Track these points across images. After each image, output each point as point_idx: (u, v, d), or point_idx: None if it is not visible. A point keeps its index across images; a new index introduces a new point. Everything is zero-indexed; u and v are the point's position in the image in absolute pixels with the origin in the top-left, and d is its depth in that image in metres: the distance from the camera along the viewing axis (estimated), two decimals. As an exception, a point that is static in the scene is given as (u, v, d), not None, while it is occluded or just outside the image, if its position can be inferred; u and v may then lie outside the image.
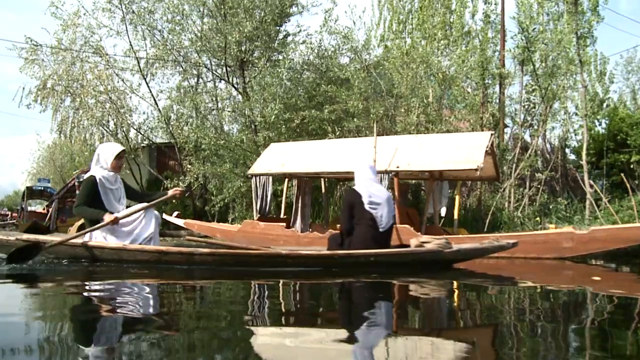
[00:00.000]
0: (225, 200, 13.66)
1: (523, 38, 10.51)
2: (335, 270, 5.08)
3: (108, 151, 5.57)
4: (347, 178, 10.59)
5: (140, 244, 5.25)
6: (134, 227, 5.34)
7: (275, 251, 5.46)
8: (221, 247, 5.82)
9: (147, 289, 4.06)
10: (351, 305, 3.66)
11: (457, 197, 9.68)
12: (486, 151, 7.65)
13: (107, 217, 5.21)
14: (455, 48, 13.50)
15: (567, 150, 14.70)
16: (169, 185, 15.43)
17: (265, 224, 8.87)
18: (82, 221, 9.15)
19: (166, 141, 18.99)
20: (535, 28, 10.72)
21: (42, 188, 21.66)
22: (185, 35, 15.07)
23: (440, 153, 7.95)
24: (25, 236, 5.42)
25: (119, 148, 5.62)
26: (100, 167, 5.51)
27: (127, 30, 16.33)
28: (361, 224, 5.41)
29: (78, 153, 28.85)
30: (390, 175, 7.94)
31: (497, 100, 12.30)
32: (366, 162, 6.25)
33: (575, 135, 13.04)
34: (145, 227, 5.36)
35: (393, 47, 15.92)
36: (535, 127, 11.61)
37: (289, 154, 9.38)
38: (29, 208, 23.98)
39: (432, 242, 5.13)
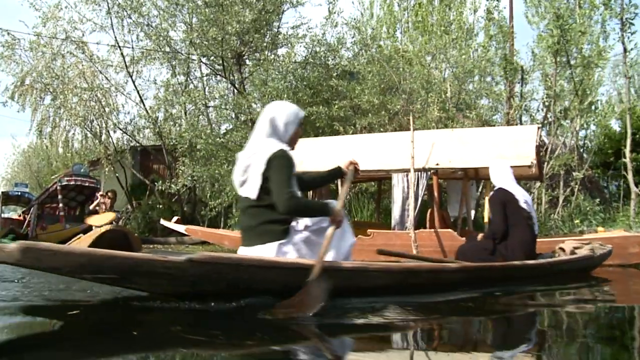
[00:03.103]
0: (224, 205, 12.67)
1: (557, 27, 9.74)
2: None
3: (289, 114, 3.34)
4: (372, 178, 9.67)
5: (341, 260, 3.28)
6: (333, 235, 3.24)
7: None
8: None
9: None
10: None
11: (486, 199, 8.87)
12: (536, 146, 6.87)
13: (337, 210, 3.21)
14: (470, 42, 12.74)
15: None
16: (158, 188, 14.42)
17: (283, 230, 7.90)
18: (105, 225, 8.03)
19: (153, 143, 18.01)
20: (571, 15, 9.99)
21: (19, 193, 20.20)
22: (178, 27, 14.07)
23: (483, 149, 7.12)
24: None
25: (300, 111, 3.45)
26: (278, 139, 3.28)
27: (112, 25, 15.29)
28: (519, 225, 4.80)
29: (55, 157, 27.63)
30: (429, 173, 7.09)
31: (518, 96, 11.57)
32: (506, 162, 5.54)
33: (593, 133, 12.32)
34: (345, 234, 3.31)
35: (387, 45, 15.24)
36: (566, 123, 10.87)
37: (306, 151, 8.44)
38: (3, 215, 22.59)
39: (584, 248, 4.80)
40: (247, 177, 3.22)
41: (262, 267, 2.95)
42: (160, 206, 16.12)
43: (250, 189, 3.19)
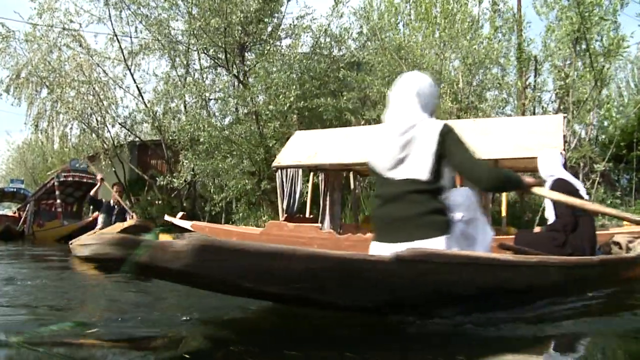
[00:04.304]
0: (228, 199, 12.34)
1: (578, 14, 9.40)
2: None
3: (432, 87, 2.86)
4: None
5: None
6: (476, 228, 2.73)
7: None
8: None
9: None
10: None
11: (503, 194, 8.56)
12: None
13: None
14: (479, 32, 12.44)
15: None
16: (159, 184, 14.08)
17: (296, 225, 7.54)
18: (131, 222, 7.36)
19: (151, 137, 17.66)
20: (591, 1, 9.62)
21: (15, 190, 19.72)
22: (179, 18, 13.67)
23: (507, 139, 6.81)
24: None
25: None
26: (424, 113, 2.75)
27: (110, 16, 14.91)
28: (585, 217, 4.51)
29: (50, 153, 27.13)
30: (451, 165, 6.75)
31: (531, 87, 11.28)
32: (555, 151, 5.26)
33: (614, 126, 12.01)
34: (486, 227, 2.81)
35: (389, 39, 14.96)
36: (586, 115, 10.57)
37: (319, 142, 8.10)
38: (-2, 212, 22.19)
39: (636, 242, 4.31)
40: (408, 154, 2.60)
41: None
42: (160, 202, 15.80)
43: (415, 169, 2.58)
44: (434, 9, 15.50)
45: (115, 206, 8.47)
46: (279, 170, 8.06)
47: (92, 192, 8.81)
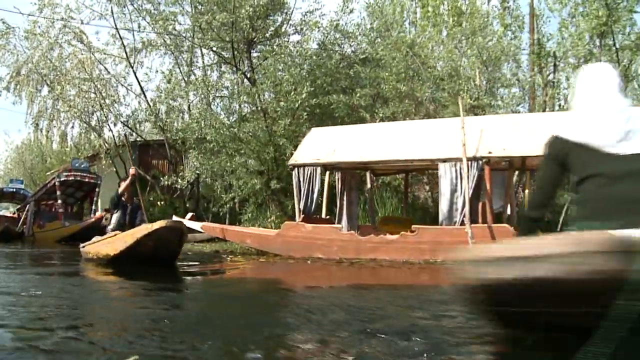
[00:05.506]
0: (236, 200, 11.97)
1: (604, 6, 9.06)
2: None
3: None
4: (399, 170, 9.00)
5: None
6: None
7: None
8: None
9: None
10: None
11: (527, 191, 8.25)
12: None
13: None
14: (492, 29, 12.15)
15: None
16: (163, 184, 13.71)
17: (314, 226, 7.21)
18: (162, 223, 6.25)
19: (152, 137, 17.29)
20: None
21: (14, 190, 19.35)
22: (184, 13, 13.29)
23: (537, 135, 6.45)
24: None
25: None
26: None
27: (112, 13, 14.53)
28: None
29: (49, 153, 26.76)
30: (480, 162, 6.43)
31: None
32: None
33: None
34: None
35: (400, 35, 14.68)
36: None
37: (337, 140, 7.77)
38: (-3, 212, 21.84)
39: None
40: (635, 127, 2.33)
41: None
42: (162, 202, 15.43)
43: None
44: (442, 6, 15.26)
45: (127, 204, 7.59)
46: (296, 169, 7.71)
47: (121, 189, 7.69)
